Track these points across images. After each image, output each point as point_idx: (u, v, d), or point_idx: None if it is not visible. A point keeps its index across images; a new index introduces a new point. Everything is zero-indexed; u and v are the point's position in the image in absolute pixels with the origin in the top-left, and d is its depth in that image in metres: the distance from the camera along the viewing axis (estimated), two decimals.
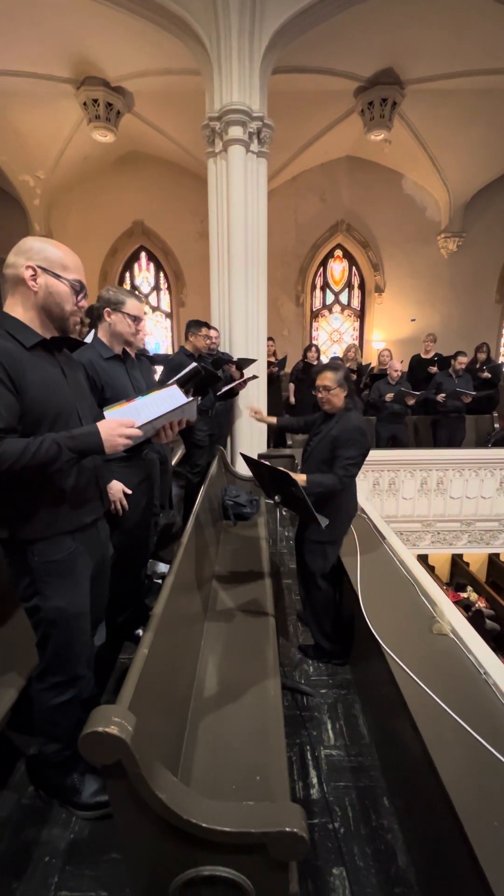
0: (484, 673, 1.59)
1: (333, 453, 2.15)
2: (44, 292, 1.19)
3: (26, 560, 1.23)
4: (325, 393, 2.19)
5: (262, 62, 4.25)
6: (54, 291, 1.20)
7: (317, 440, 2.29)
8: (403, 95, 6.33)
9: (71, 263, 1.23)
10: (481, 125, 6.94)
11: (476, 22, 5.01)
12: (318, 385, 2.20)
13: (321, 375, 2.20)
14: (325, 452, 2.20)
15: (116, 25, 4.77)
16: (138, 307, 1.93)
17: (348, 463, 2.10)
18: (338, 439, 2.14)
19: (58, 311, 1.23)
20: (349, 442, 2.11)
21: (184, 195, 8.32)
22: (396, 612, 2.01)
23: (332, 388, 2.17)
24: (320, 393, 2.21)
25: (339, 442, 2.13)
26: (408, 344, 8.65)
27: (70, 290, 1.22)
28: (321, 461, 2.21)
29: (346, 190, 8.67)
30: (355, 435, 2.12)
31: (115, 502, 1.80)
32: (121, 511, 1.83)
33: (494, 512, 5.54)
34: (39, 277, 1.18)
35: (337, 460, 2.13)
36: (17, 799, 1.50)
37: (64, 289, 1.21)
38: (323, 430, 2.27)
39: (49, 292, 1.20)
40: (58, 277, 1.20)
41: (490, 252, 8.97)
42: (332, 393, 2.18)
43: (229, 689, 1.59)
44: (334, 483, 2.10)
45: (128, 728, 0.87)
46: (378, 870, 1.37)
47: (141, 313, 1.96)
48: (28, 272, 1.17)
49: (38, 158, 7.34)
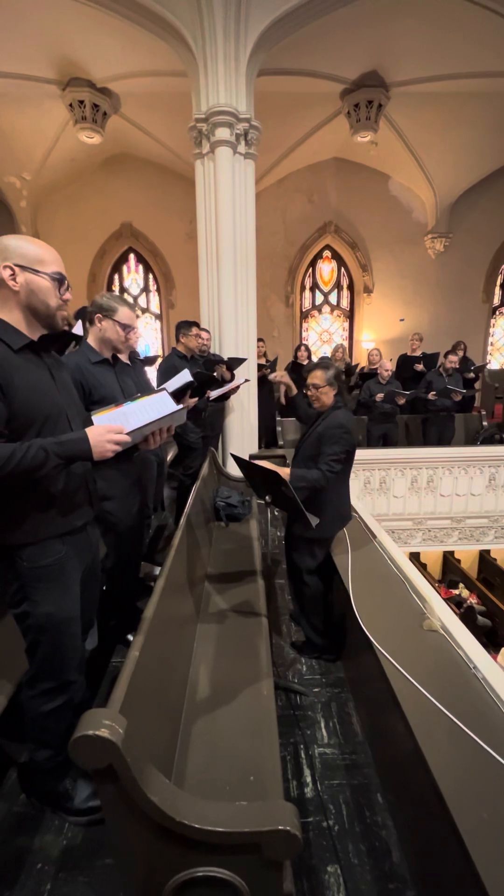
0: (473, 668, 1.60)
1: (318, 450, 2.19)
2: (25, 290, 1.17)
3: (14, 565, 1.22)
4: (315, 391, 2.23)
5: (248, 64, 4.26)
6: (36, 288, 1.18)
7: (306, 438, 2.33)
8: (388, 98, 6.39)
9: (47, 257, 1.20)
10: (466, 127, 7.04)
11: (459, 26, 5.08)
12: (308, 383, 2.24)
13: (311, 374, 2.24)
14: (311, 449, 2.24)
15: (101, 26, 4.76)
16: (130, 316, 1.93)
17: (331, 458, 2.13)
18: (322, 436, 2.18)
19: (43, 309, 1.21)
20: (332, 438, 2.15)
21: (172, 197, 8.31)
22: (387, 610, 2.03)
23: (322, 387, 2.21)
24: (310, 391, 2.25)
25: (324, 438, 2.17)
26: (397, 344, 8.73)
27: (51, 283, 1.20)
28: (308, 458, 2.25)
29: (333, 191, 8.72)
30: (339, 431, 2.15)
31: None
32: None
33: (484, 509, 5.60)
34: (19, 276, 1.16)
35: (321, 456, 2.16)
36: (9, 807, 1.48)
37: (45, 283, 1.19)
38: (312, 427, 2.31)
39: (31, 290, 1.18)
40: (37, 272, 1.18)
41: (476, 252, 9.09)
42: (321, 391, 2.22)
43: (222, 690, 1.59)
44: (317, 478, 2.11)
45: (118, 731, 0.86)
46: (372, 867, 1.37)
47: (133, 322, 1.95)
48: (6, 272, 1.15)
49: (23, 160, 7.28)
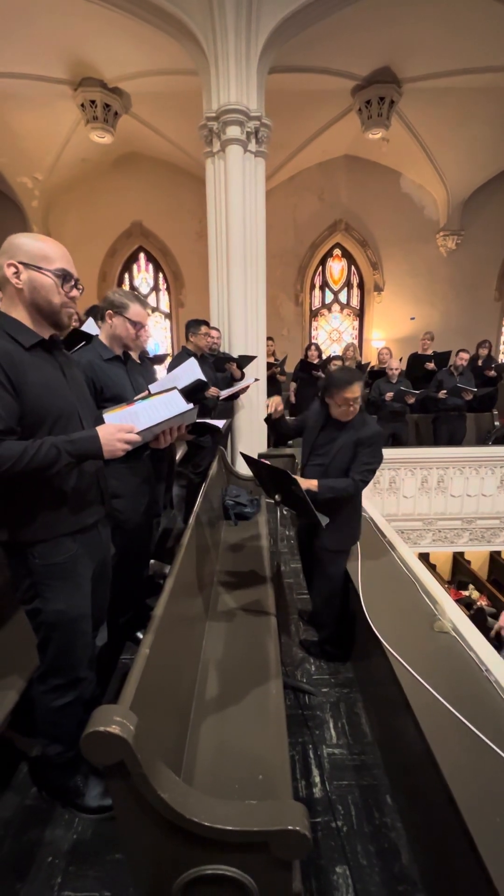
0: (486, 670, 1.59)
1: (353, 458, 2.08)
2: (28, 288, 1.17)
3: (27, 562, 1.23)
4: (354, 405, 2.03)
5: (259, 61, 4.25)
6: (38, 286, 1.17)
7: (333, 448, 2.12)
8: (401, 94, 6.33)
9: (53, 254, 1.19)
10: (479, 123, 6.94)
11: (473, 19, 5.01)
12: (348, 398, 2.00)
13: (350, 388, 1.99)
14: (346, 462, 2.09)
15: (113, 26, 4.78)
16: (141, 314, 1.91)
17: (366, 468, 2.05)
18: (360, 443, 2.06)
19: (46, 306, 1.20)
20: (373, 447, 2.05)
21: (182, 195, 8.33)
22: (398, 611, 2.01)
23: (359, 398, 2.03)
24: (350, 406, 2.03)
25: (362, 446, 2.05)
26: (407, 342, 8.65)
27: (54, 281, 1.19)
28: (343, 471, 2.10)
29: (344, 189, 8.67)
30: (379, 440, 2.07)
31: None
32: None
33: (495, 510, 5.53)
34: (22, 274, 1.16)
35: (355, 464, 2.06)
36: (21, 800, 1.50)
37: (48, 281, 1.18)
38: (337, 437, 2.13)
39: (34, 287, 1.17)
40: (39, 270, 1.17)
41: (489, 250, 8.98)
42: (358, 403, 2.04)
43: (231, 689, 1.59)
44: (347, 486, 2.04)
45: (129, 728, 0.87)
46: (381, 868, 1.36)
47: (144, 320, 1.93)
48: (10, 270, 1.15)
49: (35, 160, 7.35)
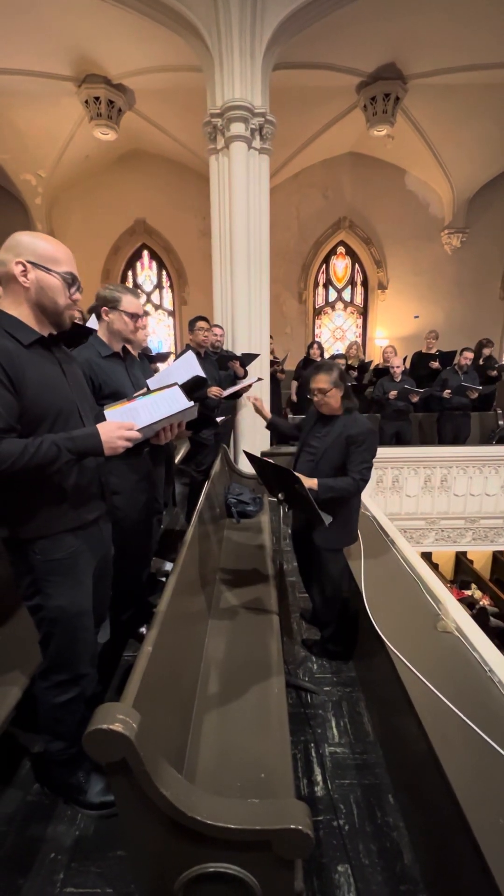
0: (489, 670, 1.58)
1: (347, 457, 2.07)
2: (35, 287, 1.18)
3: (28, 558, 1.23)
4: (322, 396, 2.08)
5: (263, 58, 4.23)
6: (46, 286, 1.18)
7: (322, 445, 2.15)
8: (406, 90, 6.28)
9: (61, 256, 1.21)
10: (485, 120, 6.88)
11: (479, 15, 4.96)
12: (313, 388, 2.08)
13: (314, 379, 2.07)
14: (337, 458, 2.10)
15: (117, 23, 4.76)
16: (136, 304, 1.89)
17: (364, 466, 2.04)
18: (352, 441, 2.05)
19: (51, 306, 1.21)
20: (364, 444, 2.04)
21: (186, 192, 8.30)
22: (400, 610, 2.01)
23: (328, 390, 2.06)
24: (316, 396, 2.10)
25: (354, 444, 2.05)
26: (411, 341, 8.61)
27: (62, 283, 1.20)
28: (334, 467, 2.10)
29: (348, 186, 8.63)
30: (370, 437, 2.05)
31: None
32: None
33: (499, 509, 5.50)
34: (30, 273, 1.16)
35: (351, 463, 2.05)
36: (23, 796, 1.51)
37: (56, 282, 1.19)
38: (326, 433, 2.15)
39: (41, 287, 1.18)
40: (48, 271, 1.18)
41: (494, 248, 8.91)
42: (329, 395, 2.07)
43: (233, 687, 1.59)
44: (347, 486, 2.03)
45: (132, 725, 0.87)
46: (383, 867, 1.36)
47: (139, 310, 1.91)
48: (18, 268, 1.15)
49: (39, 157, 7.34)
